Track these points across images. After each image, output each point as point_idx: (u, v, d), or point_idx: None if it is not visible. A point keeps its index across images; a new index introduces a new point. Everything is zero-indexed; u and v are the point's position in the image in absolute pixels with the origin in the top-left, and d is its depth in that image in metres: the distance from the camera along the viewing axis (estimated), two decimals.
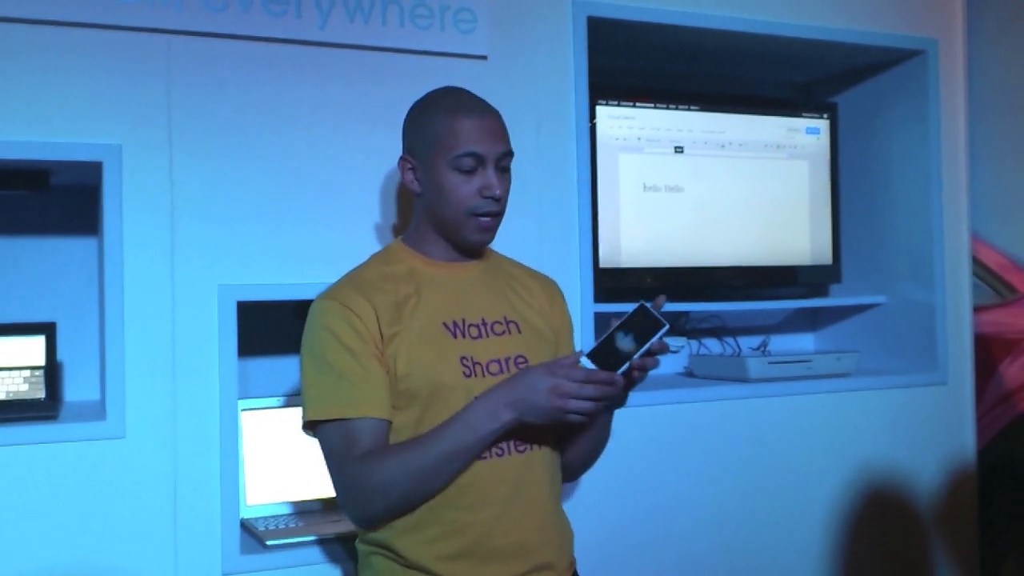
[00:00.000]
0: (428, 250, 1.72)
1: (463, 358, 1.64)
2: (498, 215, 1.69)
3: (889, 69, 2.84)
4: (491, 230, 1.69)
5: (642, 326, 1.58)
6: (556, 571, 1.69)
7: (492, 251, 1.82)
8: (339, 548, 1.97)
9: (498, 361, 1.67)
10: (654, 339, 1.57)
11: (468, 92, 1.73)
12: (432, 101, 1.71)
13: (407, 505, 1.59)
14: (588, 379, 1.55)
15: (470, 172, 1.64)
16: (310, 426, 1.64)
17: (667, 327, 1.57)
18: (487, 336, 1.68)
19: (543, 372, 1.56)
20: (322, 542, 1.97)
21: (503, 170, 1.68)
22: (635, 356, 1.56)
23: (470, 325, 1.67)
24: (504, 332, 1.70)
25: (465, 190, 1.64)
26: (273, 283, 1.99)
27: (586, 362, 1.57)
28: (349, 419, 1.58)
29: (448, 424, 1.58)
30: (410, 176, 1.71)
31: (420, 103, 1.74)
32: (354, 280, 1.68)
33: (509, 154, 1.69)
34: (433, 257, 1.72)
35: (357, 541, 1.73)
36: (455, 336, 1.65)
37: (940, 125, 2.74)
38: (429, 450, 1.56)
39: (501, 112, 1.71)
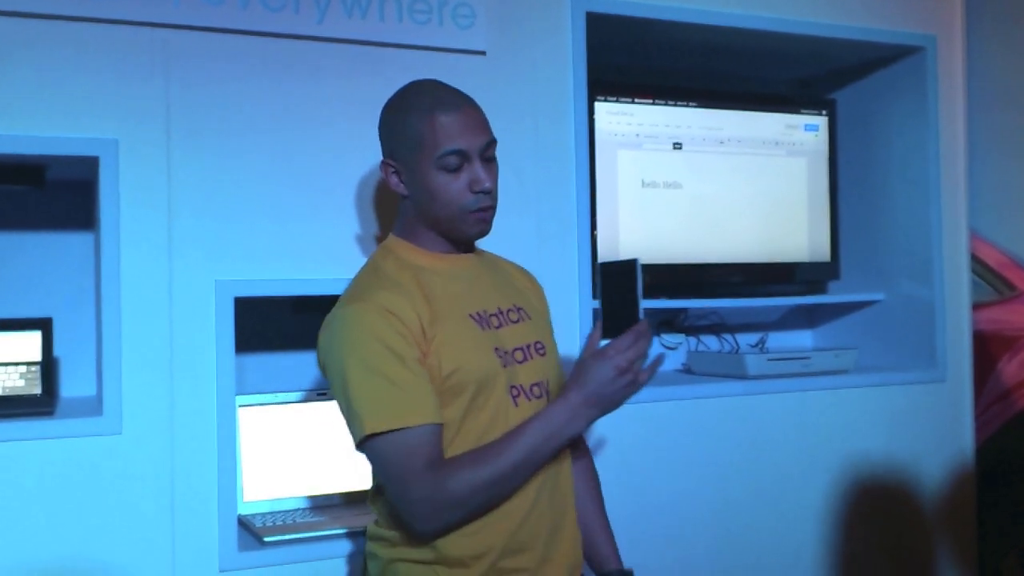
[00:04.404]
0: (427, 244, 1.67)
1: (496, 348, 1.63)
2: (492, 207, 1.66)
3: (888, 66, 2.84)
4: (488, 222, 1.66)
5: (619, 277, 1.59)
6: (574, 560, 1.70)
7: (476, 245, 1.81)
8: (337, 544, 1.96)
9: (522, 348, 1.67)
10: (638, 277, 1.57)
11: (441, 84, 1.67)
12: (406, 100, 1.65)
13: (482, 512, 1.56)
14: (633, 342, 1.55)
15: (456, 170, 1.60)
16: (362, 440, 1.55)
17: (638, 259, 1.58)
18: (507, 324, 1.68)
19: (601, 361, 1.55)
20: (320, 538, 1.96)
21: (489, 160, 1.64)
22: (640, 299, 1.57)
23: (491, 315, 1.66)
24: (519, 320, 1.71)
25: (455, 188, 1.60)
26: (271, 278, 1.98)
27: (607, 342, 1.58)
28: (408, 428, 1.51)
29: (524, 430, 1.55)
30: (395, 180, 1.66)
31: (393, 104, 1.68)
32: (381, 281, 1.61)
33: (493, 143, 1.64)
34: (435, 250, 1.68)
35: (374, 547, 1.67)
36: (482, 327, 1.64)
37: (939, 122, 2.74)
38: (507, 458, 1.52)
39: (499, 108, 1.70)
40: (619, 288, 1.60)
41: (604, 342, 1.59)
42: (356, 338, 1.55)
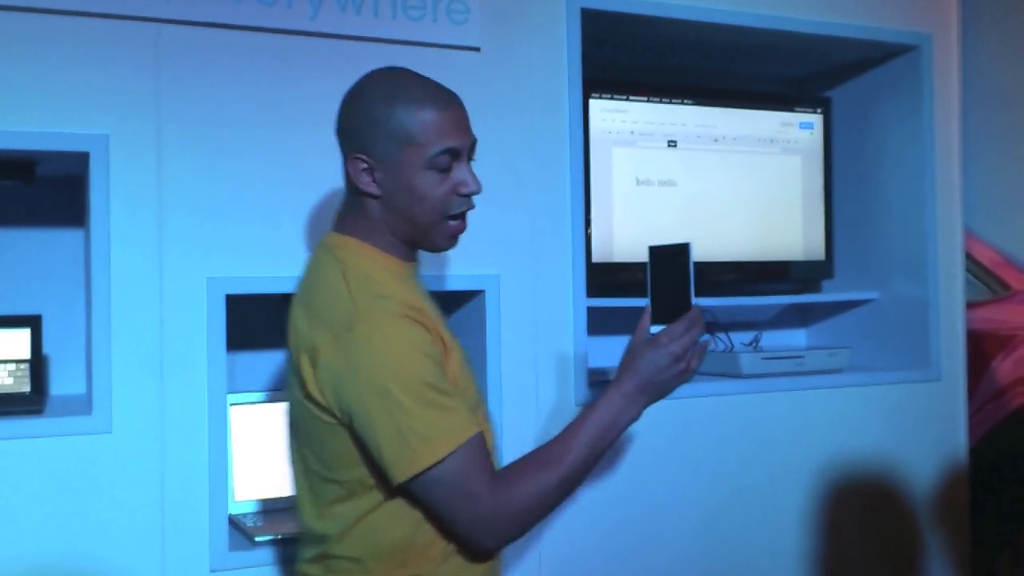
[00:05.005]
0: (387, 248, 1.53)
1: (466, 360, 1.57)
2: (466, 212, 1.56)
3: (883, 64, 2.83)
4: (456, 238, 1.55)
5: (669, 262, 1.56)
6: None
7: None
8: None
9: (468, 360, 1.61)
10: (690, 260, 1.53)
11: (421, 76, 1.54)
12: (387, 91, 1.49)
13: (545, 518, 1.50)
14: (686, 329, 1.52)
15: (446, 170, 1.48)
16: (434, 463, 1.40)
17: (691, 242, 1.54)
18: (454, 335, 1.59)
19: (654, 349, 1.51)
20: None
21: (471, 160, 1.53)
22: (691, 284, 1.52)
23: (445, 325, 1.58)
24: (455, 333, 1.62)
25: (441, 190, 1.48)
26: (263, 276, 1.96)
27: (659, 327, 1.54)
28: (468, 440, 1.40)
29: (581, 425, 1.49)
30: (367, 178, 1.49)
31: (370, 94, 1.51)
32: (379, 287, 1.46)
33: (476, 142, 1.54)
34: (398, 257, 1.54)
35: None
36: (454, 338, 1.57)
37: (934, 120, 2.73)
38: (571, 456, 1.45)
39: (493, 105, 1.68)
40: (669, 273, 1.55)
41: (654, 328, 1.55)
42: (396, 354, 1.40)
